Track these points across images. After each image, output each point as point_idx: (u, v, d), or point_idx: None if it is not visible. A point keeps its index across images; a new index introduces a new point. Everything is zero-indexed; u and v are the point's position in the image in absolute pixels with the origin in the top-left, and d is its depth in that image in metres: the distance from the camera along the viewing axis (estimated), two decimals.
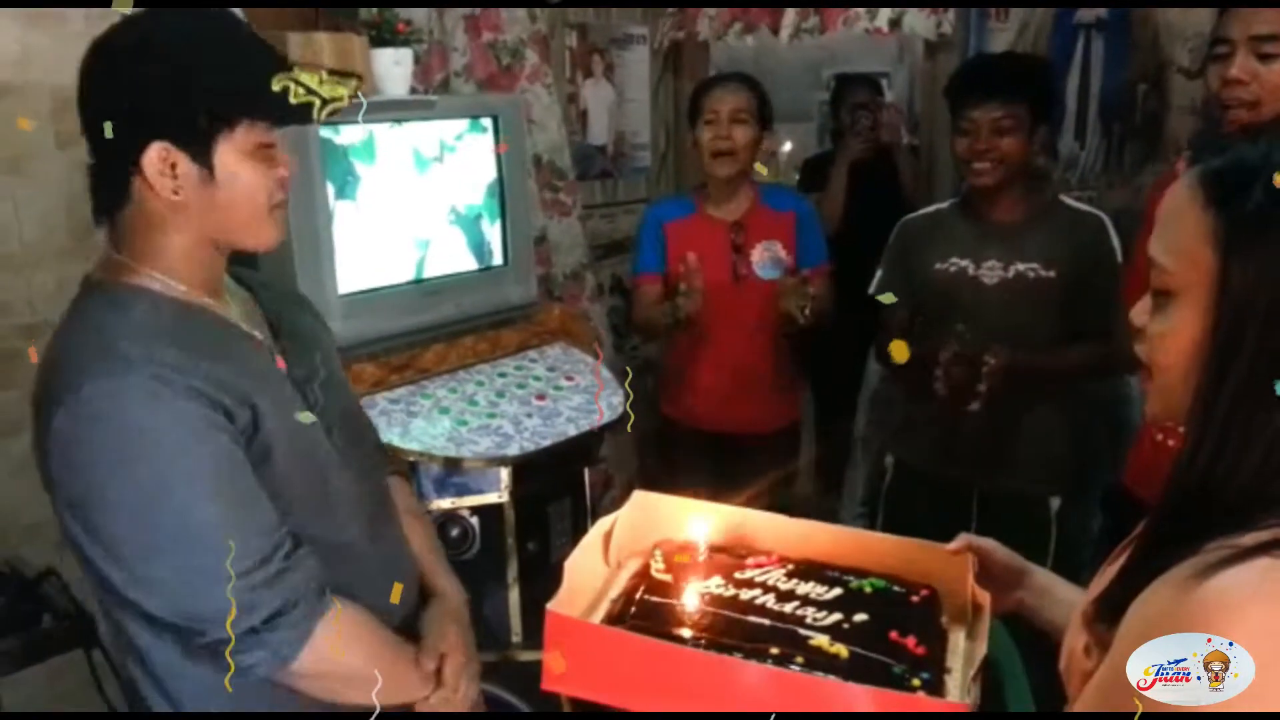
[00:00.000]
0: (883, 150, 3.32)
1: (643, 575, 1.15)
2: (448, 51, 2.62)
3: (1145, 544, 0.83)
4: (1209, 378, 0.76)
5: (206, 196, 1.09)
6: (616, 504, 1.27)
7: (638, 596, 1.10)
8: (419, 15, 2.46)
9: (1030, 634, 1.16)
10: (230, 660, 1.06)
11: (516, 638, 1.92)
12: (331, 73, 1.13)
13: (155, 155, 1.05)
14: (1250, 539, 0.71)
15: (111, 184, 1.10)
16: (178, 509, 1.05)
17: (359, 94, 1.16)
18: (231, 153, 1.08)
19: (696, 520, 1.22)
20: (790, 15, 3.00)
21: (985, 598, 1.08)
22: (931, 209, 2.31)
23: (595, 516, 2.05)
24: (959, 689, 1.01)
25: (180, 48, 1.06)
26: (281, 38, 1.85)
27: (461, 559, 1.88)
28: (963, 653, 1.09)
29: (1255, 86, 1.59)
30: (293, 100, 1.08)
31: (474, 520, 1.88)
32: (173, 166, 1.06)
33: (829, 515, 3.20)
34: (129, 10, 1.09)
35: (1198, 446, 0.77)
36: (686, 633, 1.04)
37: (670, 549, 1.20)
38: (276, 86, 1.07)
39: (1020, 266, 2.07)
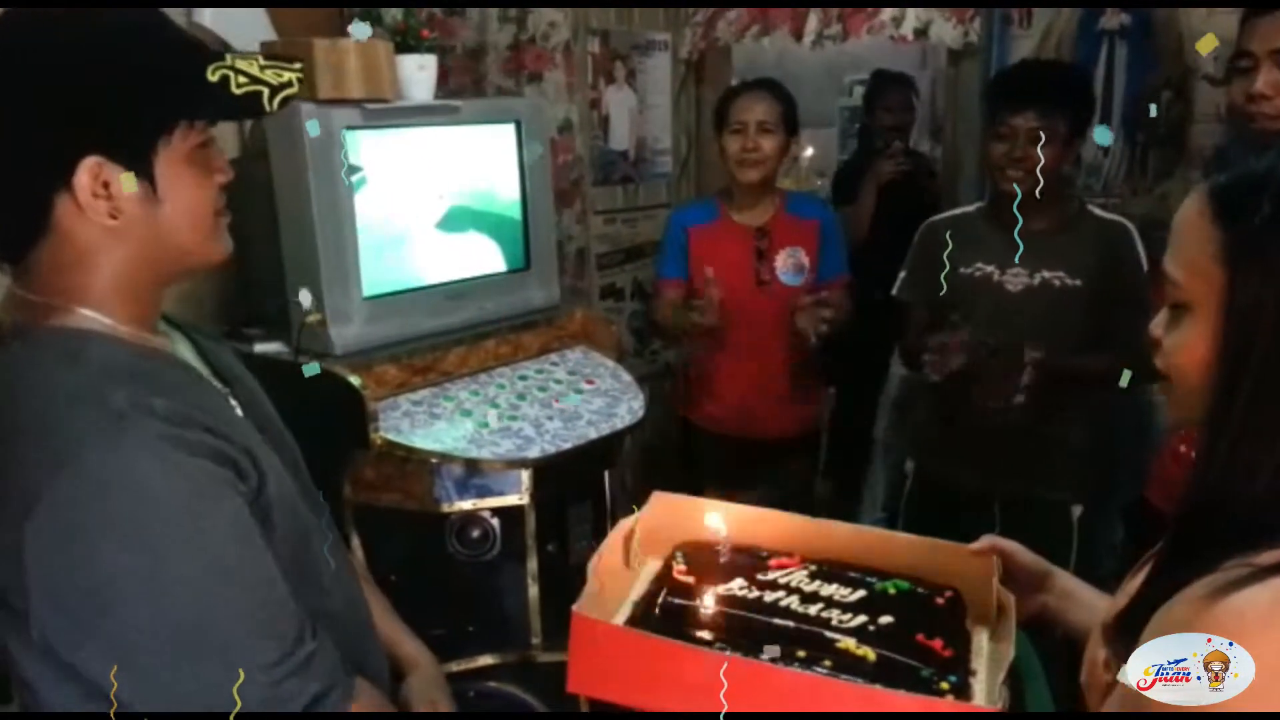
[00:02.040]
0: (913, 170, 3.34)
1: (665, 577, 1.15)
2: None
3: (1162, 560, 0.82)
4: (1219, 392, 0.76)
5: (149, 215, 0.94)
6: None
7: (661, 599, 1.10)
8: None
9: (1050, 638, 1.16)
10: None
11: (536, 639, 1.92)
12: (270, 58, 0.99)
13: (87, 175, 0.90)
14: (1267, 557, 0.71)
15: (26, 215, 0.92)
16: (204, 593, 0.88)
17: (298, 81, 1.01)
18: (172, 162, 0.95)
19: (716, 521, 1.22)
20: (813, 21, 3.01)
21: (1010, 600, 1.08)
22: (957, 212, 2.31)
23: (615, 519, 2.06)
24: (985, 692, 1.00)
25: (104, 49, 0.91)
26: (307, 43, 1.87)
27: (482, 560, 1.89)
28: (986, 655, 1.09)
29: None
30: (235, 90, 0.94)
31: (495, 521, 1.89)
32: (105, 185, 0.91)
33: (849, 519, 3.20)
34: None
35: (1209, 461, 0.77)
36: (711, 635, 1.03)
37: (691, 550, 1.20)
38: (214, 76, 0.93)
39: (1046, 274, 2.06)
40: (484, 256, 2.17)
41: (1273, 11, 1.59)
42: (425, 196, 2.04)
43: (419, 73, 2.08)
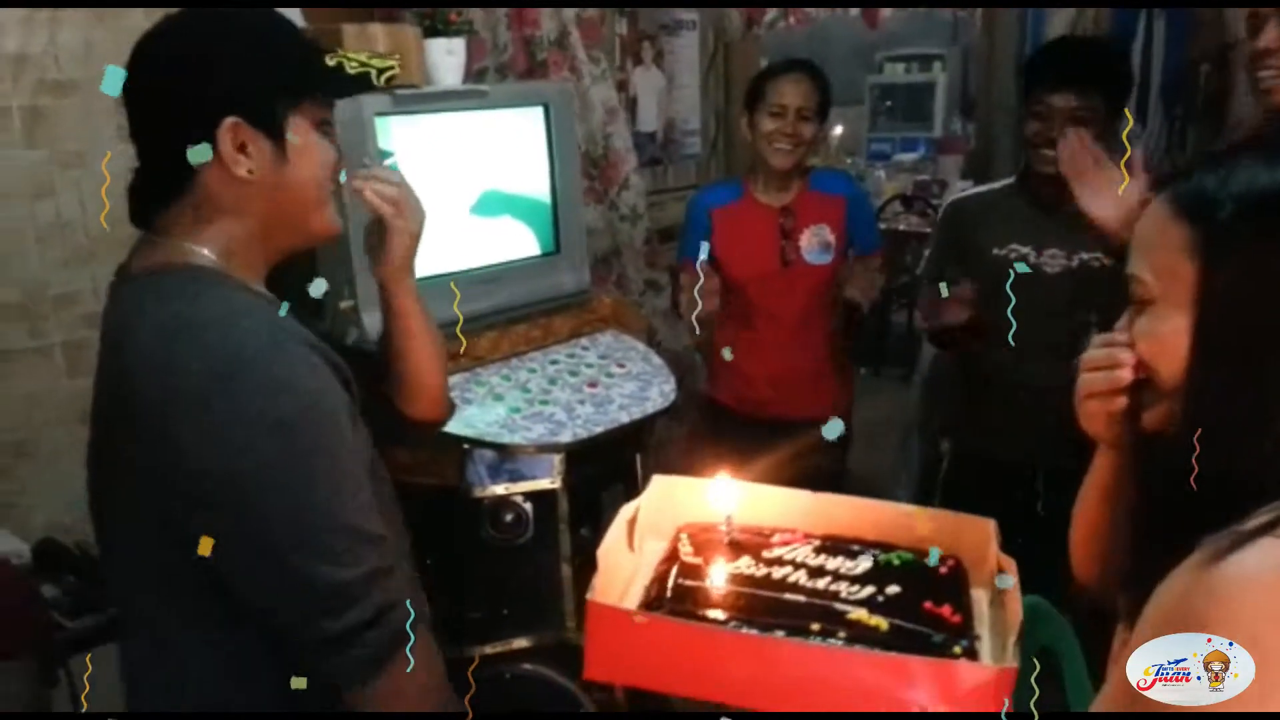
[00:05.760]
0: None
1: (672, 559, 1.16)
2: (486, 46, 2.64)
3: (1149, 543, 0.85)
4: (1191, 376, 0.83)
5: (277, 174, 1.09)
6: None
7: (671, 581, 1.10)
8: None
9: (1087, 617, 1.15)
10: (320, 661, 1.02)
11: (570, 621, 1.93)
12: (372, 55, 1.22)
13: (228, 133, 1.04)
14: (1250, 524, 0.74)
15: (172, 173, 1.07)
16: (337, 486, 1.02)
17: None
18: (300, 129, 1.10)
19: (718, 500, 1.22)
20: None
21: (1011, 564, 1.09)
22: (984, 189, 2.27)
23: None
24: (991, 657, 1.02)
25: (242, 33, 1.08)
26: (336, 29, 1.87)
27: (515, 544, 1.90)
28: (988, 620, 1.10)
29: None
30: (350, 72, 1.16)
31: (527, 506, 1.90)
32: (243, 145, 1.06)
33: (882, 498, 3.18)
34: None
35: (1184, 442, 0.81)
36: (724, 614, 1.04)
37: (695, 531, 1.20)
38: (331, 62, 1.15)
39: (1084, 255, 2.03)
40: (515, 241, 2.17)
41: None
42: (456, 181, 2.04)
43: (448, 57, 2.08)
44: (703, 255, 2.29)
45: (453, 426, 1.80)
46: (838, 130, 6.15)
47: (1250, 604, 0.69)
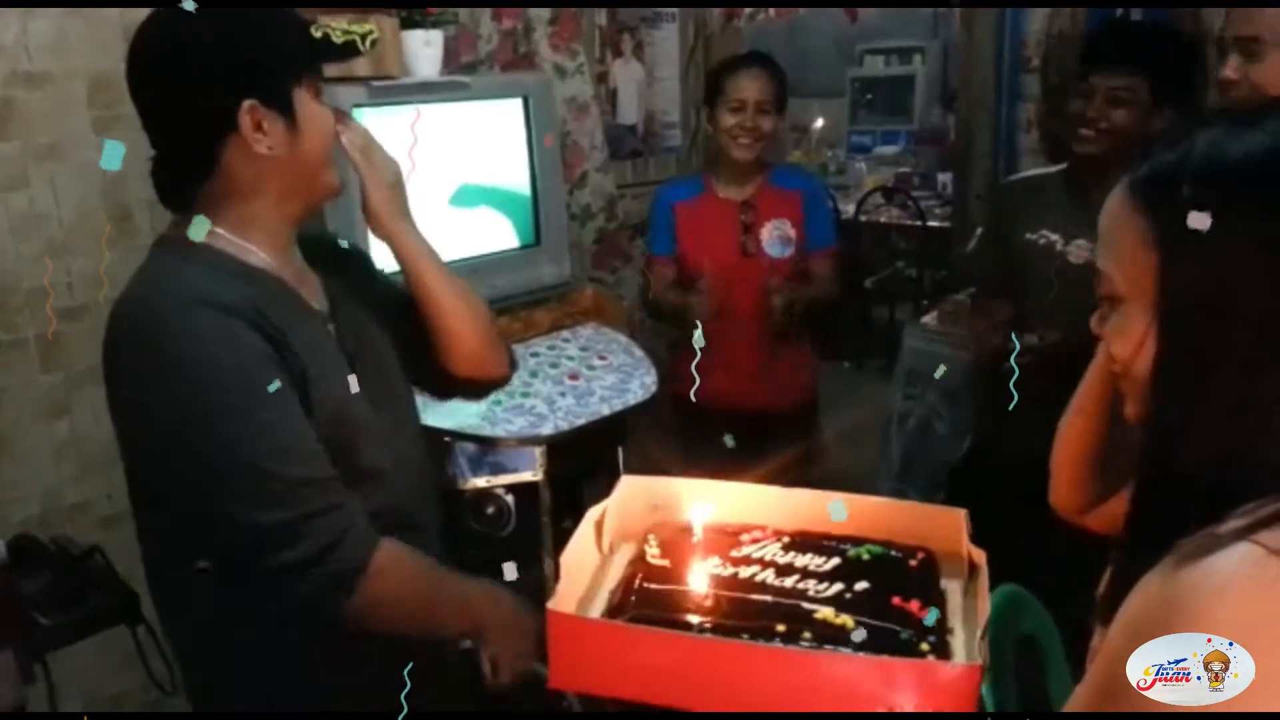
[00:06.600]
0: None
1: (639, 562, 1.13)
2: (474, 37, 2.62)
3: (1127, 542, 0.83)
4: (1158, 372, 0.79)
5: (292, 147, 1.17)
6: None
7: (637, 585, 1.08)
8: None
9: (1072, 614, 1.15)
10: (292, 589, 1.11)
11: None
12: (351, 21, 1.26)
13: (247, 114, 1.13)
14: (1226, 526, 0.71)
15: (198, 158, 1.16)
16: (247, 435, 1.10)
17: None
18: (304, 101, 1.18)
19: (687, 500, 1.21)
20: None
21: (981, 556, 1.08)
22: (1035, 173, 2.25)
23: None
24: (964, 650, 1.00)
25: (244, 19, 1.16)
26: (312, 17, 1.85)
27: (498, 537, 1.89)
28: (962, 611, 1.08)
29: (1245, 85, 1.61)
30: (337, 40, 1.20)
31: (509, 499, 1.89)
32: (259, 124, 1.14)
33: (864, 490, 3.18)
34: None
35: (1156, 440, 0.80)
36: (691, 618, 1.02)
37: (664, 532, 1.18)
38: (318, 34, 1.20)
39: None
40: (495, 233, 2.16)
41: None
42: (435, 173, 2.02)
43: (425, 49, 2.07)
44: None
45: (433, 419, 1.79)
46: (818, 123, 6.15)
47: (1220, 612, 0.67)
